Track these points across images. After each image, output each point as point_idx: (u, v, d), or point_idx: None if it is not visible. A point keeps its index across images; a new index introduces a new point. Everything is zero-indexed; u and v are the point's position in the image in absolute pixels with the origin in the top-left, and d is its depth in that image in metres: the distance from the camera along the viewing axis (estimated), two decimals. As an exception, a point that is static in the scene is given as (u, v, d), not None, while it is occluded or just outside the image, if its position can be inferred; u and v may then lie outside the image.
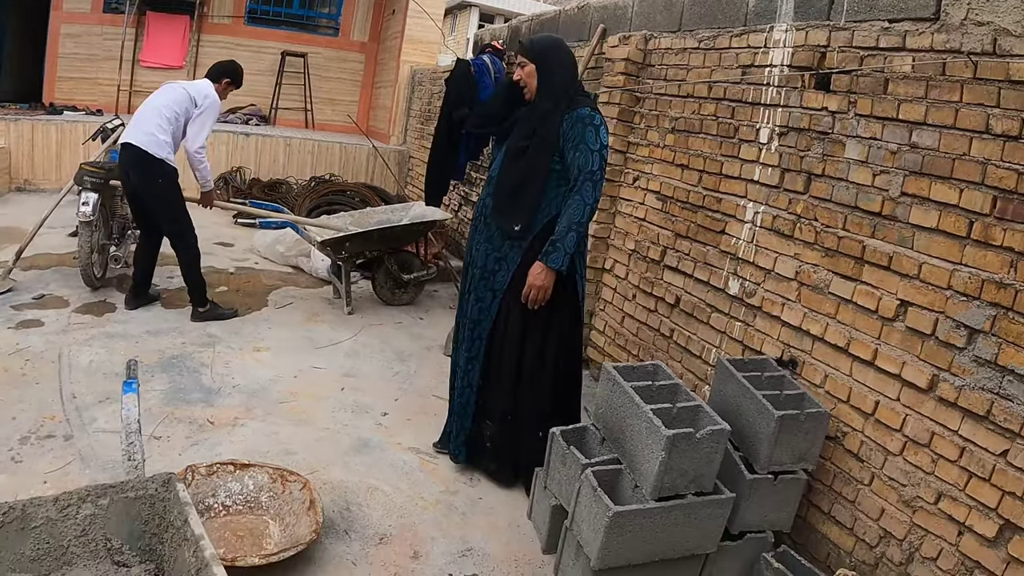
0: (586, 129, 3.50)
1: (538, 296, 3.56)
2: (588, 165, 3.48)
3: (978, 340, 2.77)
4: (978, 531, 2.70)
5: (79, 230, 5.61)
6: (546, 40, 3.81)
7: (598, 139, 3.51)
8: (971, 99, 2.87)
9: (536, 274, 3.53)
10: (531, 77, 3.69)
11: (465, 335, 3.90)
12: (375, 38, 13.16)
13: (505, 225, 3.67)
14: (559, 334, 3.77)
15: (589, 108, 3.57)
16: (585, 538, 2.90)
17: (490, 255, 3.75)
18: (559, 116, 3.56)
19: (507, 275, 3.70)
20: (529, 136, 3.64)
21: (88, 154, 8.24)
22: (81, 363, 4.55)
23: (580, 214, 3.49)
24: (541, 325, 3.71)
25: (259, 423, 4.15)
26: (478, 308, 3.82)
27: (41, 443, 3.65)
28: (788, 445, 3.12)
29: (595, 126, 3.51)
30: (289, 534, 3.12)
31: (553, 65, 3.66)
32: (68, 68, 11.40)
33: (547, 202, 3.62)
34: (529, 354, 3.75)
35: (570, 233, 3.48)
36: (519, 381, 3.79)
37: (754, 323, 3.89)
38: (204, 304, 5.71)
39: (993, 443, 2.68)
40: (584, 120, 3.51)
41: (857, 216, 3.32)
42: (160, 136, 5.33)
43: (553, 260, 3.48)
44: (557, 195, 3.61)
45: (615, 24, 5.56)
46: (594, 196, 3.51)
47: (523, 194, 3.64)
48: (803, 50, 3.70)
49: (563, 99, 3.60)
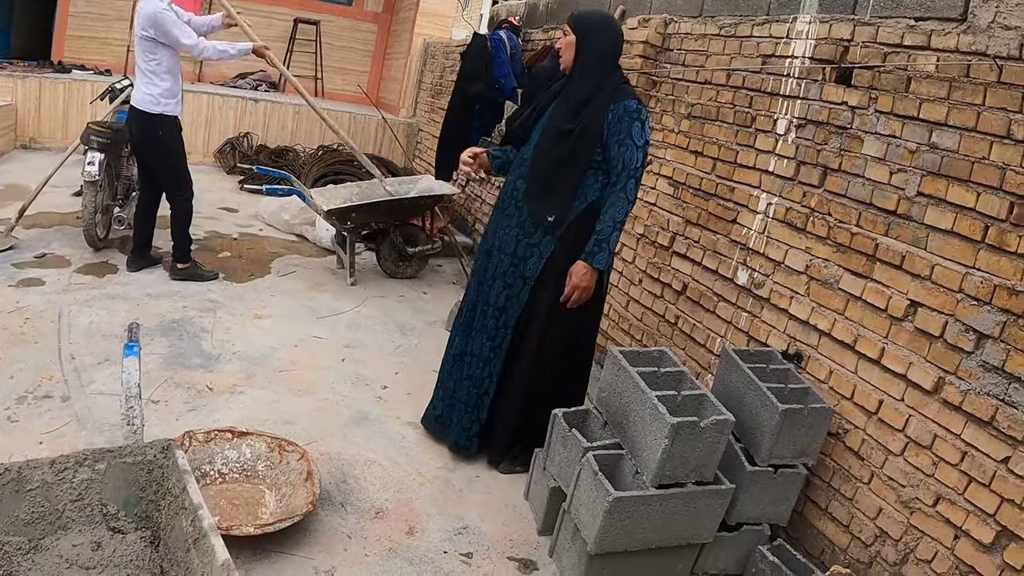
0: (632, 124, 3.41)
1: (582, 296, 3.49)
2: (632, 162, 3.40)
3: (986, 345, 2.75)
4: (975, 536, 2.70)
5: (84, 190, 5.57)
6: (595, 15, 3.68)
7: (643, 135, 3.43)
8: (994, 103, 2.84)
9: (581, 275, 3.44)
10: (569, 49, 3.57)
11: (489, 323, 3.74)
12: (389, 9, 13.05)
13: (538, 214, 3.56)
14: (583, 324, 3.71)
15: (636, 101, 3.47)
16: (583, 522, 2.90)
17: (521, 241, 3.62)
18: (605, 106, 3.44)
19: (539, 263, 3.59)
20: (571, 120, 3.50)
21: (95, 113, 8.18)
22: (81, 324, 4.53)
23: (623, 212, 3.43)
24: (568, 316, 3.61)
25: (258, 391, 4.13)
26: (505, 295, 3.68)
27: (38, 403, 3.64)
28: (790, 439, 3.11)
29: (641, 121, 3.43)
30: (285, 504, 3.12)
31: (595, 42, 3.52)
32: (78, 27, 11.28)
33: (583, 190, 3.52)
34: (550, 343, 3.66)
35: (615, 232, 3.42)
36: (536, 369, 3.71)
37: (761, 315, 3.87)
38: (185, 262, 5.73)
39: (995, 449, 2.67)
40: (632, 114, 3.42)
41: (872, 213, 3.29)
42: (146, 90, 5.31)
43: (598, 260, 3.42)
44: (594, 183, 3.51)
45: (635, 6, 5.51)
46: (635, 193, 3.45)
47: (559, 183, 3.53)
48: (826, 43, 3.66)
49: (606, 84, 3.49)
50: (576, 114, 3.49)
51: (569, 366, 3.77)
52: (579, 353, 3.79)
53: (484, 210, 7.85)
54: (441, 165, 7.41)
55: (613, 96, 3.46)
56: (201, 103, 10.18)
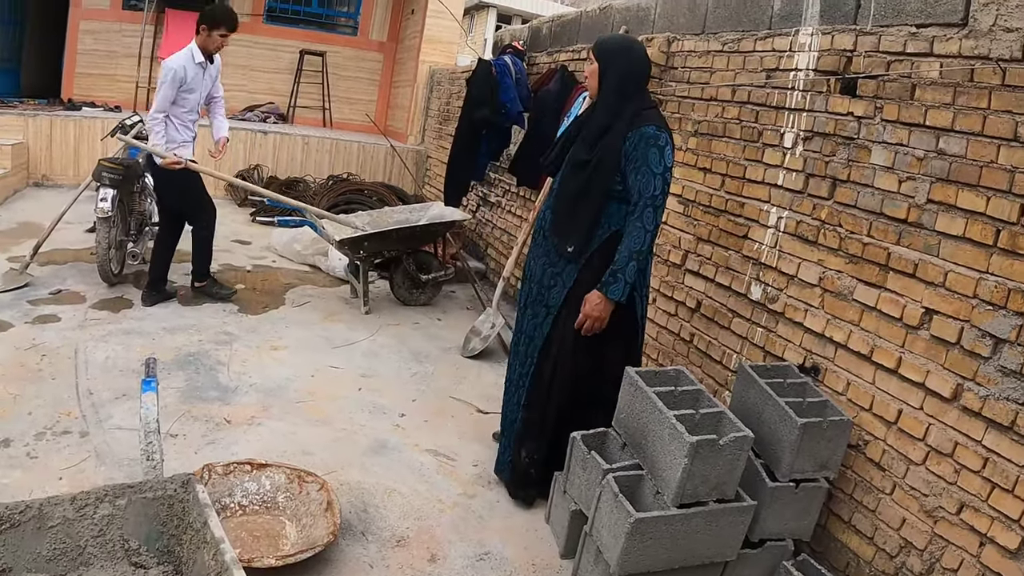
0: (649, 150, 3.32)
1: (593, 327, 3.42)
2: (649, 190, 3.31)
3: (1004, 350, 2.73)
4: (1000, 543, 2.67)
5: (97, 226, 5.62)
6: (615, 40, 3.68)
7: (662, 161, 3.33)
8: (999, 106, 2.83)
9: (594, 304, 3.38)
10: (593, 77, 3.56)
11: (520, 350, 3.77)
12: (394, 37, 13.16)
13: (560, 245, 3.54)
14: (612, 363, 3.56)
15: (656, 127, 3.37)
16: (605, 544, 2.88)
17: (547, 270, 3.61)
18: (622, 134, 3.38)
19: (562, 292, 3.55)
20: (589, 151, 3.48)
21: (107, 150, 8.25)
22: (97, 359, 4.56)
23: (640, 242, 3.33)
24: (595, 349, 3.55)
25: (276, 422, 4.14)
26: (532, 324, 3.69)
27: (57, 439, 3.66)
28: (810, 453, 3.09)
29: (659, 147, 3.33)
30: (306, 535, 3.12)
31: (617, 68, 3.49)
32: (87, 64, 11.45)
33: (606, 218, 3.45)
34: (569, 371, 3.60)
35: (631, 263, 3.33)
36: (570, 404, 3.65)
37: (776, 329, 3.86)
38: (203, 280, 6.04)
39: (1017, 454, 2.65)
40: (648, 140, 3.33)
41: (882, 223, 3.28)
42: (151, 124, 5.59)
43: (612, 292, 3.34)
44: (618, 211, 3.43)
45: (638, 26, 5.53)
46: (655, 222, 3.35)
47: (578, 214, 3.49)
48: (829, 54, 3.67)
49: (625, 111, 3.43)
50: (594, 145, 3.46)
51: (602, 399, 3.59)
52: (610, 387, 3.47)
53: (495, 235, 7.87)
54: (451, 191, 7.44)
55: (632, 123, 3.39)
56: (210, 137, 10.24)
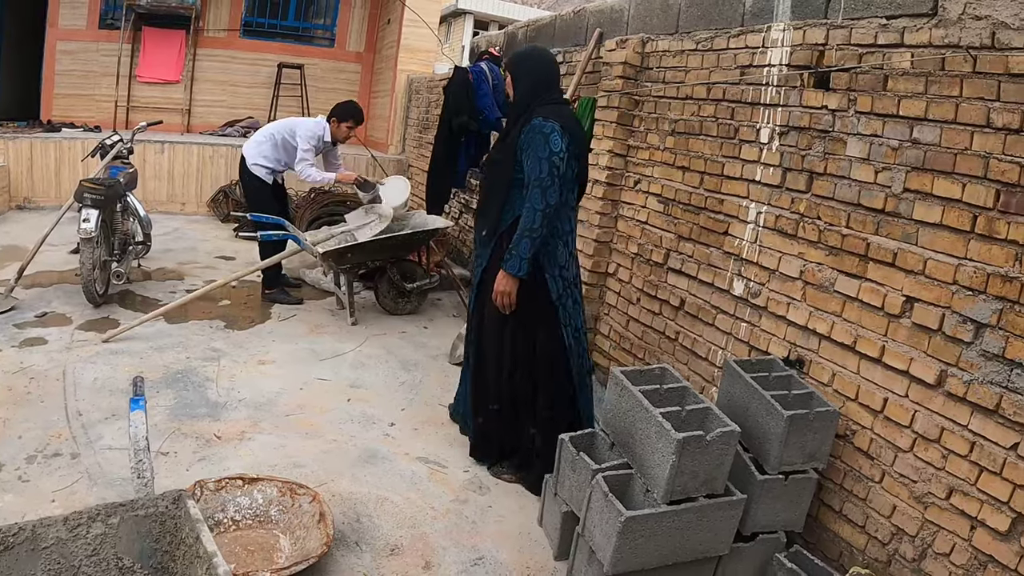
0: (535, 138, 3.67)
1: (503, 301, 3.78)
2: (536, 172, 3.65)
3: (985, 334, 2.76)
4: (991, 525, 2.70)
5: (80, 247, 5.61)
6: (520, 50, 4.12)
7: (547, 147, 3.65)
8: (971, 93, 2.87)
9: (497, 280, 3.77)
10: (509, 87, 3.99)
11: (472, 327, 4.22)
12: (371, 48, 13.17)
13: (477, 231, 4.08)
14: (534, 333, 3.93)
15: (542, 118, 3.71)
16: (597, 544, 2.90)
17: (479, 258, 4.08)
18: (520, 128, 3.78)
19: (480, 273, 4.06)
20: (498, 150, 4.01)
21: (88, 171, 8.24)
22: (86, 380, 4.55)
23: (531, 221, 3.65)
24: (513, 324, 3.91)
25: (266, 436, 4.14)
26: (473, 304, 4.21)
27: (48, 461, 3.65)
28: (798, 445, 3.12)
29: (544, 134, 3.66)
30: (300, 547, 3.12)
31: (522, 75, 3.94)
32: (65, 85, 11.41)
33: (511, 205, 3.85)
34: (507, 351, 3.97)
35: (523, 240, 3.67)
36: (502, 376, 4.02)
37: (760, 323, 3.88)
38: (271, 287, 6.67)
39: (1003, 437, 2.68)
40: (535, 129, 3.69)
41: (860, 214, 3.31)
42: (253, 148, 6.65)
43: (509, 267, 3.71)
44: (520, 199, 3.78)
45: (612, 28, 5.56)
46: (544, 202, 3.64)
47: (491, 202, 3.94)
48: (801, 49, 3.70)
49: (525, 110, 3.84)
50: (502, 142, 3.96)
51: (537, 377, 3.97)
52: (546, 364, 3.95)
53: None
54: (432, 199, 7.44)
55: (528, 118, 3.78)
56: (191, 153, 10.27)
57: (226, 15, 12.27)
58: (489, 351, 4.05)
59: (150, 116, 9.89)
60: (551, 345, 3.93)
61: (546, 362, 3.94)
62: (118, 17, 11.39)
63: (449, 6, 28.43)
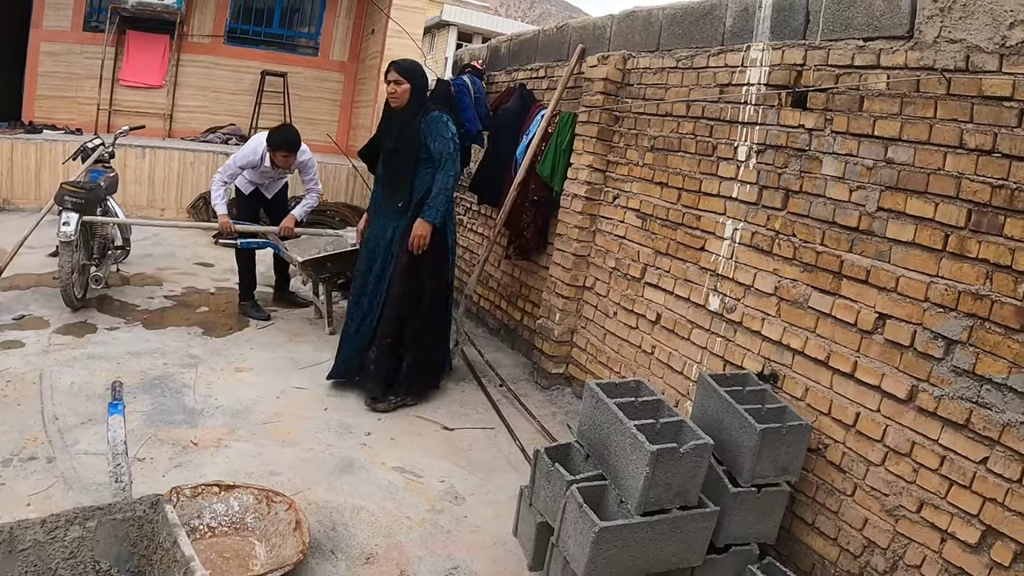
0: (439, 125, 4.83)
1: (420, 244, 4.77)
2: (447, 149, 4.81)
3: (956, 350, 2.82)
4: (961, 537, 2.75)
5: (60, 250, 5.59)
6: (412, 64, 5.01)
7: (448, 130, 4.86)
8: (945, 115, 2.94)
9: (417, 226, 4.75)
10: (405, 92, 4.85)
11: (370, 290, 5.00)
12: (354, 58, 13.17)
13: (392, 202, 4.92)
14: (433, 275, 5.00)
15: (438, 111, 4.89)
16: (572, 554, 2.92)
17: (387, 226, 4.93)
18: (418, 120, 4.82)
19: (396, 234, 4.90)
20: (398, 139, 4.86)
21: (68, 174, 8.20)
22: (63, 384, 4.53)
23: (447, 182, 4.82)
24: (419, 266, 4.87)
25: (243, 444, 4.14)
26: (381, 266, 4.96)
27: (23, 465, 3.63)
28: (771, 458, 3.15)
29: (444, 122, 4.85)
30: (275, 555, 3.12)
31: (417, 82, 4.90)
32: (48, 86, 11.32)
33: (420, 180, 4.86)
34: (411, 290, 4.91)
35: (439, 195, 4.79)
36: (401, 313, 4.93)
37: (735, 338, 3.93)
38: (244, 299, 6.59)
39: (973, 451, 2.74)
40: (436, 119, 4.84)
41: (835, 231, 3.37)
42: None
43: (429, 216, 4.77)
44: (426, 174, 4.85)
45: (594, 44, 5.61)
46: (455, 169, 4.87)
47: (402, 179, 4.88)
48: (780, 69, 3.76)
49: (420, 108, 4.86)
50: (399, 135, 4.87)
51: (427, 310, 5.01)
52: (436, 300, 5.06)
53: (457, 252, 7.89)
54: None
55: (424, 113, 4.86)
56: (172, 159, 10.23)
57: (210, 21, 12.23)
58: (395, 292, 4.89)
59: (132, 120, 9.82)
60: (444, 281, 5.14)
61: (440, 298, 5.11)
62: (103, 20, 11.32)
63: (433, 18, 28.46)
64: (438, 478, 4.09)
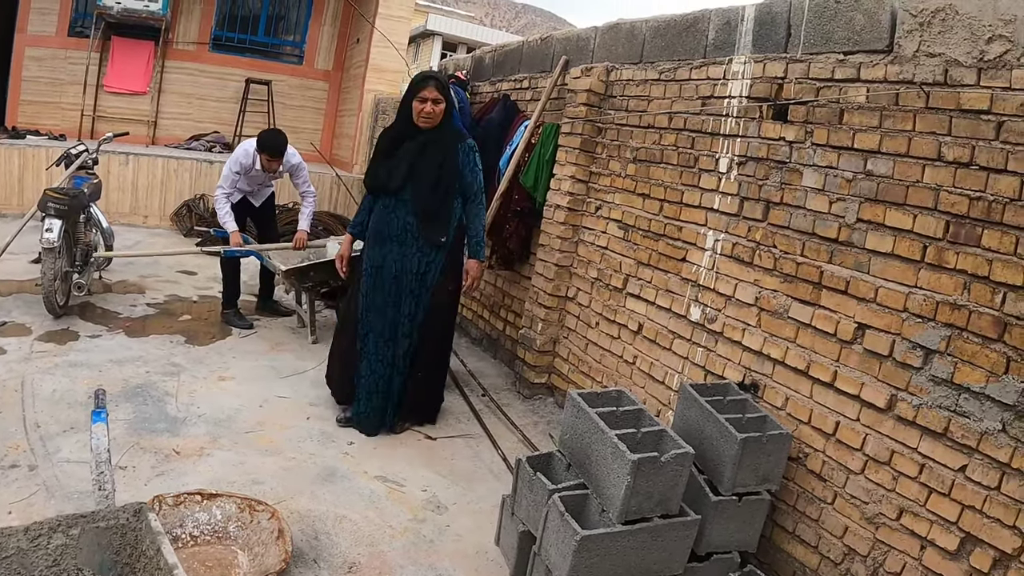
0: (474, 155, 4.61)
1: (479, 285, 4.98)
2: (478, 181, 4.63)
3: (934, 360, 2.86)
4: (940, 545, 2.78)
5: (42, 257, 5.56)
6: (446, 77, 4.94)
7: (479, 161, 4.64)
8: (923, 128, 2.98)
9: (476, 268, 4.73)
10: (442, 113, 4.47)
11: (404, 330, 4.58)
12: (339, 66, 13.19)
13: (428, 235, 4.48)
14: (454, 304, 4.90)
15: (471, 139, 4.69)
16: (554, 563, 2.93)
17: (412, 258, 4.50)
18: (456, 149, 4.52)
19: (437, 270, 4.56)
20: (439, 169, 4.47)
21: (52, 180, 8.16)
22: (44, 392, 4.51)
23: (483, 219, 4.76)
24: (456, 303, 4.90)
25: (225, 453, 4.13)
26: (415, 301, 4.56)
27: (5, 473, 3.61)
28: (751, 467, 3.18)
29: (476, 152, 4.64)
30: (258, 564, 3.11)
31: (451, 99, 4.58)
32: (32, 92, 11.28)
33: (455, 213, 4.59)
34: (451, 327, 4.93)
35: (481, 232, 4.71)
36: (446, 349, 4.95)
37: (716, 348, 3.96)
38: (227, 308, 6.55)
39: (952, 459, 2.77)
40: (472, 149, 4.60)
41: (815, 242, 3.41)
42: None
43: (481, 255, 4.74)
44: (458, 206, 4.60)
45: (577, 55, 5.65)
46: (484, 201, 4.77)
47: (442, 213, 4.53)
48: (761, 81, 3.80)
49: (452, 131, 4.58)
50: (441, 166, 4.47)
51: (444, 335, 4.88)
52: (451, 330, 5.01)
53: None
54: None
55: (456, 139, 4.56)
56: (156, 166, 10.21)
57: (196, 28, 12.23)
58: (437, 328, 4.70)
59: (116, 126, 9.82)
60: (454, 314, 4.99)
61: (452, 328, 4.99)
62: (88, 25, 11.30)
63: (418, 27, 28.53)
64: (420, 487, 4.09)
